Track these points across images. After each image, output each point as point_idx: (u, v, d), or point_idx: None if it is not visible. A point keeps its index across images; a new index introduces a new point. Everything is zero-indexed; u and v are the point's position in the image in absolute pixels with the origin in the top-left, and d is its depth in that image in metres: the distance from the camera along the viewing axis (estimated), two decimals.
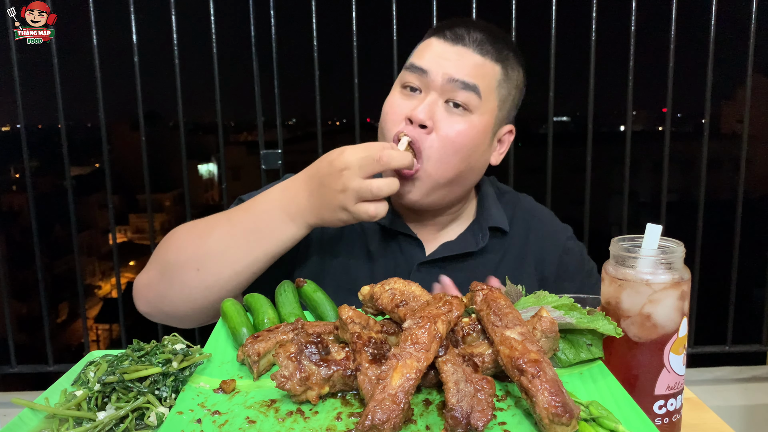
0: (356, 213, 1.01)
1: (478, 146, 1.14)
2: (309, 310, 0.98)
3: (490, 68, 1.13)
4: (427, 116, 1.08)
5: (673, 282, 0.76)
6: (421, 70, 1.12)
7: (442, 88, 1.10)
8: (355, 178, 0.99)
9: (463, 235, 1.26)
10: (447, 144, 1.09)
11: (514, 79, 1.18)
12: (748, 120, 2.29)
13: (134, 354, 0.76)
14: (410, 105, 1.12)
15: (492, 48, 1.13)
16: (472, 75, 1.10)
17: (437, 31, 1.16)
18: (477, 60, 1.12)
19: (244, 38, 2.19)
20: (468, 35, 1.12)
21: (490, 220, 1.26)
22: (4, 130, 6.15)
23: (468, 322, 0.76)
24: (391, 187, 1.01)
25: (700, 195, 2.34)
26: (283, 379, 0.67)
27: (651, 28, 3.04)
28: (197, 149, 24.03)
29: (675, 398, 0.78)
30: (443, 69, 1.10)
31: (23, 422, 0.70)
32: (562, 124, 13.17)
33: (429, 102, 1.10)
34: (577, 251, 1.34)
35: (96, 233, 22.72)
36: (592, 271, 1.33)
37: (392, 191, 1.01)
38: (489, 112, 1.14)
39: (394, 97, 1.16)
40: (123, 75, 2.30)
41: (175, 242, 1.13)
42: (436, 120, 1.10)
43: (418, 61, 1.14)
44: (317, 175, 1.04)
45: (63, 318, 19.86)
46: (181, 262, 1.09)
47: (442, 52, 1.12)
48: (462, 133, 1.10)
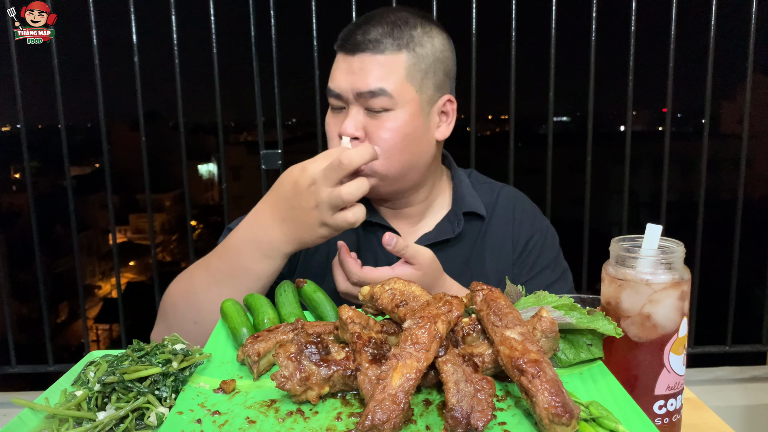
0: (335, 224, 1.01)
1: (412, 134, 1.16)
2: (309, 310, 0.98)
3: (394, 61, 1.14)
4: (354, 128, 1.14)
5: (673, 282, 0.76)
6: (335, 94, 1.17)
7: (356, 101, 1.15)
8: (324, 189, 0.98)
9: (440, 224, 1.30)
10: (383, 146, 1.14)
11: (428, 55, 1.18)
12: (748, 120, 2.29)
13: (134, 354, 0.76)
14: (339, 121, 1.18)
15: (390, 39, 1.14)
16: (376, 79, 1.13)
17: (339, 46, 1.18)
18: (378, 60, 1.13)
19: (244, 38, 2.19)
20: (364, 38, 1.14)
21: (464, 206, 1.29)
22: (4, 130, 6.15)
23: (468, 322, 0.76)
24: (360, 188, 1.00)
25: (700, 195, 2.34)
26: (283, 379, 0.67)
27: (651, 28, 3.04)
28: (197, 149, 24.04)
29: (675, 398, 0.78)
30: (350, 85, 1.14)
31: (23, 422, 0.70)
32: (562, 124, 13.18)
33: (352, 115, 1.15)
34: (550, 235, 1.38)
35: (96, 233, 22.72)
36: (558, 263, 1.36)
37: (363, 192, 1.00)
38: (410, 101, 1.16)
39: (328, 117, 1.23)
40: (123, 75, 2.30)
41: (169, 299, 1.15)
42: (366, 129, 1.15)
43: (332, 84, 1.18)
44: (284, 199, 1.03)
45: (63, 318, 19.87)
46: (178, 318, 1.12)
47: (346, 68, 1.16)
48: (393, 130, 1.14)
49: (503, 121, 12.55)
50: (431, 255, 1.07)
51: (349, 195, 0.98)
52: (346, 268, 1.06)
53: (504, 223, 1.34)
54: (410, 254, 1.05)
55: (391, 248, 1.03)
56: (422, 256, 1.06)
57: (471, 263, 1.30)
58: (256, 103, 2.24)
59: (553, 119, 2.28)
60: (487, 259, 1.30)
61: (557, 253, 1.38)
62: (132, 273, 22.63)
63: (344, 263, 1.06)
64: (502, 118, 12.15)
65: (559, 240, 1.40)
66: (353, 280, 1.05)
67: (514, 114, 2.31)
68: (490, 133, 14.30)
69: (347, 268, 1.05)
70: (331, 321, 0.88)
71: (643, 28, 2.26)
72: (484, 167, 1.65)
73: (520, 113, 2.33)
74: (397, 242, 1.03)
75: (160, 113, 23.31)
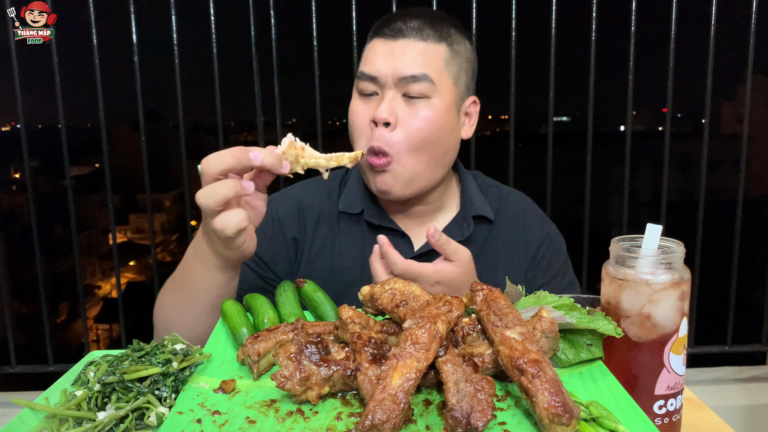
0: (212, 232, 0.91)
1: (445, 126, 1.17)
2: (309, 310, 0.98)
3: (435, 50, 1.15)
4: (389, 113, 1.12)
5: (673, 282, 0.76)
6: (371, 78, 1.15)
7: (395, 86, 1.14)
8: (200, 191, 0.88)
9: (449, 226, 1.29)
10: (414, 135, 1.13)
11: (461, 53, 1.20)
12: (748, 120, 2.28)
13: (134, 354, 0.76)
14: (370, 108, 1.16)
15: (432, 30, 1.15)
16: (419, 64, 1.13)
17: (377, 32, 1.18)
18: (420, 47, 1.14)
19: (244, 38, 2.19)
20: (405, 26, 1.14)
21: (473, 210, 1.29)
22: (4, 130, 6.15)
23: (468, 322, 0.76)
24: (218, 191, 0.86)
25: (700, 195, 2.34)
26: (283, 379, 0.67)
27: (651, 28, 3.04)
28: (197, 149, 23.96)
29: (675, 398, 0.78)
30: (391, 69, 1.13)
31: (23, 422, 0.70)
32: (562, 124, 13.18)
33: (388, 100, 1.13)
34: (558, 241, 1.38)
35: (96, 233, 22.72)
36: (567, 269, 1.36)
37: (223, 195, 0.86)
38: (447, 91, 1.16)
39: (355, 104, 1.19)
40: (123, 75, 2.30)
41: (155, 313, 1.15)
42: (399, 116, 1.13)
43: (366, 68, 1.16)
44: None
45: (63, 318, 19.86)
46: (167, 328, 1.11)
47: (386, 51, 1.14)
48: (427, 120, 1.13)
49: (503, 121, 12.54)
50: (469, 254, 1.07)
51: (203, 197, 0.87)
52: (391, 260, 1.02)
53: (514, 227, 1.33)
54: (452, 250, 1.03)
55: (434, 241, 1.02)
56: (463, 252, 1.05)
57: (480, 267, 1.29)
58: (256, 103, 2.24)
59: (553, 119, 2.28)
60: (498, 263, 1.29)
61: (566, 259, 1.37)
62: (132, 273, 22.62)
63: (388, 255, 1.02)
64: (502, 118, 12.16)
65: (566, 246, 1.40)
66: (398, 271, 1.02)
67: (514, 114, 2.31)
68: (490, 133, 14.30)
69: (392, 260, 1.02)
70: (331, 321, 0.88)
71: (643, 28, 2.26)
72: (485, 167, 1.65)
73: (520, 113, 2.33)
74: (440, 236, 1.02)
75: (160, 113, 23.30)
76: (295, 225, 1.30)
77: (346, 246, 1.27)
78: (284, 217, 1.30)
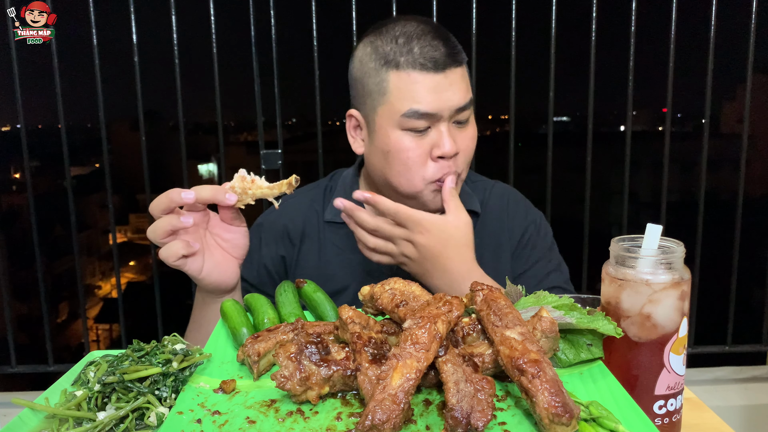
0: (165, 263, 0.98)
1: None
2: (309, 310, 0.98)
3: (464, 70, 1.17)
4: (456, 148, 1.14)
5: (673, 282, 0.76)
6: (428, 115, 1.11)
7: (450, 117, 1.14)
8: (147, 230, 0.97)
9: None
10: (469, 155, 1.19)
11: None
12: (748, 120, 2.29)
13: (134, 354, 0.76)
14: (425, 143, 1.13)
15: (455, 50, 1.14)
16: (465, 91, 1.15)
17: (411, 65, 1.10)
18: (459, 73, 1.14)
19: (244, 38, 2.19)
20: (440, 54, 1.11)
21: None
22: (4, 130, 6.15)
23: (468, 322, 0.76)
24: (158, 226, 0.94)
25: (700, 195, 2.34)
26: (283, 379, 0.67)
27: (651, 28, 3.04)
28: (197, 149, 24.02)
29: (675, 398, 0.78)
30: (446, 104, 1.11)
31: (23, 422, 0.70)
32: (562, 124, 13.18)
33: (447, 134, 1.13)
34: (543, 226, 1.40)
35: (96, 233, 22.73)
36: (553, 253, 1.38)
37: (162, 229, 0.94)
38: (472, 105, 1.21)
39: (406, 142, 1.13)
40: (123, 75, 2.30)
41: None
42: (458, 143, 1.15)
43: (419, 106, 1.10)
44: None
45: (63, 318, 19.86)
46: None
47: (434, 87, 1.10)
48: (474, 138, 1.20)
49: (503, 121, 12.54)
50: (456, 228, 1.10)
51: (148, 233, 0.96)
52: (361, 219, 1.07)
53: (498, 219, 1.36)
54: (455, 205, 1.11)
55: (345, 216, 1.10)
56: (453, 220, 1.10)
57: None
58: (256, 103, 2.24)
59: (553, 119, 2.28)
60: (485, 255, 1.30)
61: (551, 244, 1.39)
62: (132, 273, 22.61)
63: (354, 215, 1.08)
64: (502, 118, 12.15)
65: (552, 233, 1.42)
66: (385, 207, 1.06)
67: (514, 114, 2.31)
68: (490, 133, 14.30)
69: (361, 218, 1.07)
70: (331, 321, 0.88)
71: (643, 28, 2.26)
72: (485, 167, 1.66)
73: (520, 113, 2.33)
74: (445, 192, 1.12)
75: (160, 113, 23.30)
76: (281, 244, 1.34)
77: (333, 253, 1.31)
78: (270, 240, 1.35)
